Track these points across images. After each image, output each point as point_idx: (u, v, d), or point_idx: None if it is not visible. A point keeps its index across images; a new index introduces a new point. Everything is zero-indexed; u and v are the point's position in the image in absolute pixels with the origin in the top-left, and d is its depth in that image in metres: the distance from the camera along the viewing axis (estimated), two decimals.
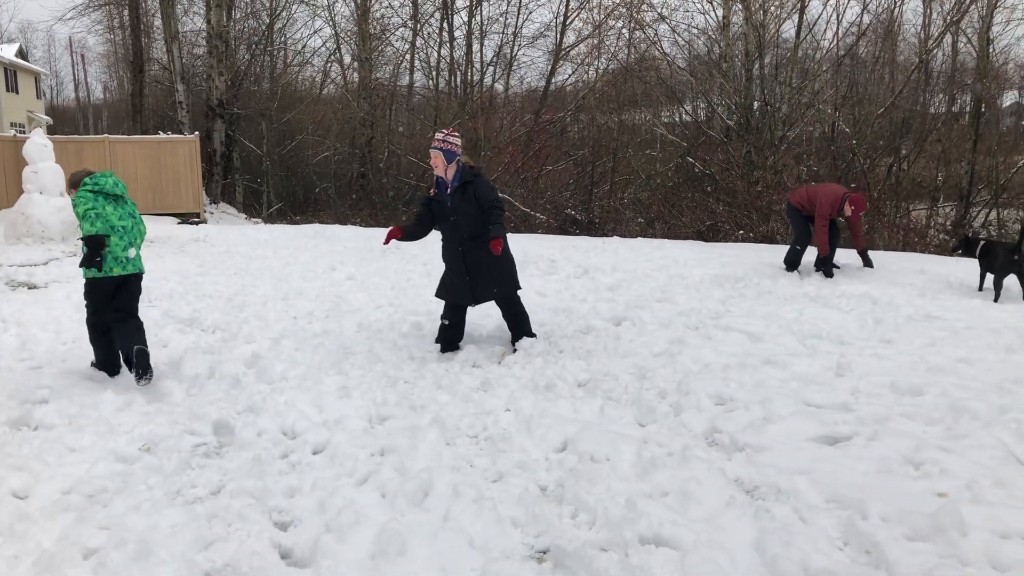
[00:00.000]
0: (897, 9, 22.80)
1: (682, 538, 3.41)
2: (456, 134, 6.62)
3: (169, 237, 15.43)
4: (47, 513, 3.80)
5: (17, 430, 4.96)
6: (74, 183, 5.94)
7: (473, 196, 6.45)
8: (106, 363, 6.03)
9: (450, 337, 6.80)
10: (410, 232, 6.79)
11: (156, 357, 6.47)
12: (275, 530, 3.64)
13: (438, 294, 6.89)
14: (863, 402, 5.02)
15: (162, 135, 22.87)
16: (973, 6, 21.05)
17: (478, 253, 6.53)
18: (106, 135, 21.77)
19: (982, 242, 8.61)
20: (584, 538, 3.47)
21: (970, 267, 9.39)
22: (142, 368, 5.60)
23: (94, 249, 5.59)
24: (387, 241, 6.72)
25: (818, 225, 9.65)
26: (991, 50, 22.13)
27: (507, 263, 6.73)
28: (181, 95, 28.14)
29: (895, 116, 21.01)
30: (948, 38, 24.81)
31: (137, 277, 5.98)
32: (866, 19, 22.87)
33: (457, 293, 6.71)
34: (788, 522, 3.53)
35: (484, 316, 7.73)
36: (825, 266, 9.80)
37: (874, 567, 3.18)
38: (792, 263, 10.21)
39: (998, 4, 20.52)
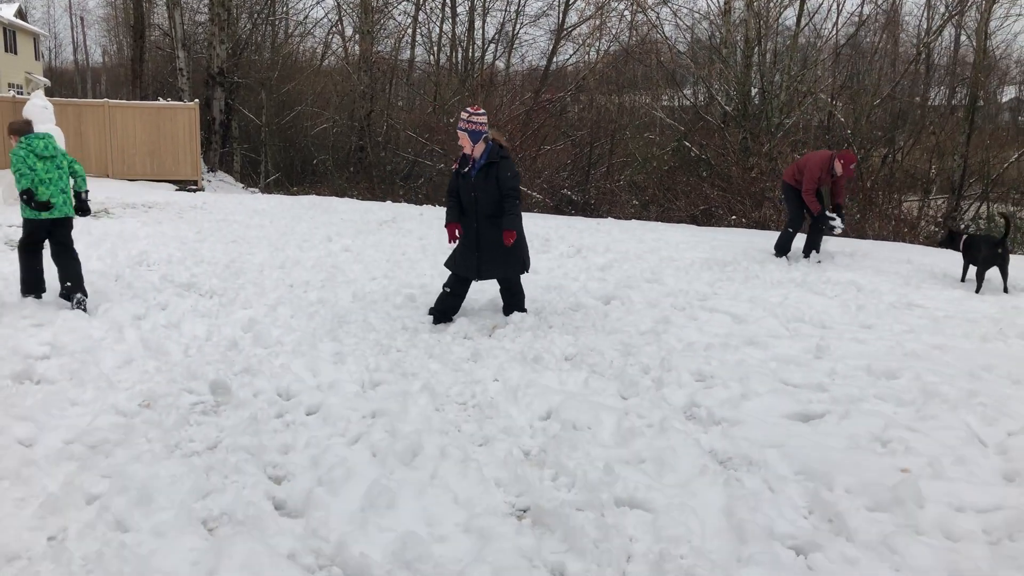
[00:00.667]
0: (897, 1, 22.81)
1: (655, 501, 3.61)
2: (481, 111, 6.68)
3: (167, 203, 15.55)
4: (52, 460, 3.98)
5: (20, 383, 5.13)
6: (14, 131, 6.98)
7: (495, 177, 6.59)
8: (29, 285, 7.11)
9: (447, 307, 6.96)
10: (458, 214, 6.87)
11: (155, 319, 6.65)
12: (270, 483, 3.83)
13: (447, 263, 7.03)
14: (838, 383, 5.21)
15: (162, 101, 22.90)
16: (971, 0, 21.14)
17: (493, 232, 6.68)
18: (106, 99, 21.77)
19: (965, 236, 8.81)
20: (563, 498, 3.66)
21: (955, 258, 9.58)
22: (77, 298, 6.85)
23: (28, 197, 6.83)
24: (452, 239, 6.87)
25: (805, 188, 9.89)
26: (989, 44, 22.23)
27: (518, 246, 6.86)
28: (181, 62, 28.09)
29: (892, 107, 21.14)
30: (951, 31, 24.95)
31: (68, 219, 7.11)
32: (867, 9, 22.95)
33: (464, 266, 6.85)
34: (757, 490, 3.73)
35: (478, 291, 7.89)
36: (823, 221, 10.03)
37: (835, 534, 3.39)
38: (782, 248, 10.38)
39: None
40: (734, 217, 17.38)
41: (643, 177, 21.97)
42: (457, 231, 6.83)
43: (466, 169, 6.72)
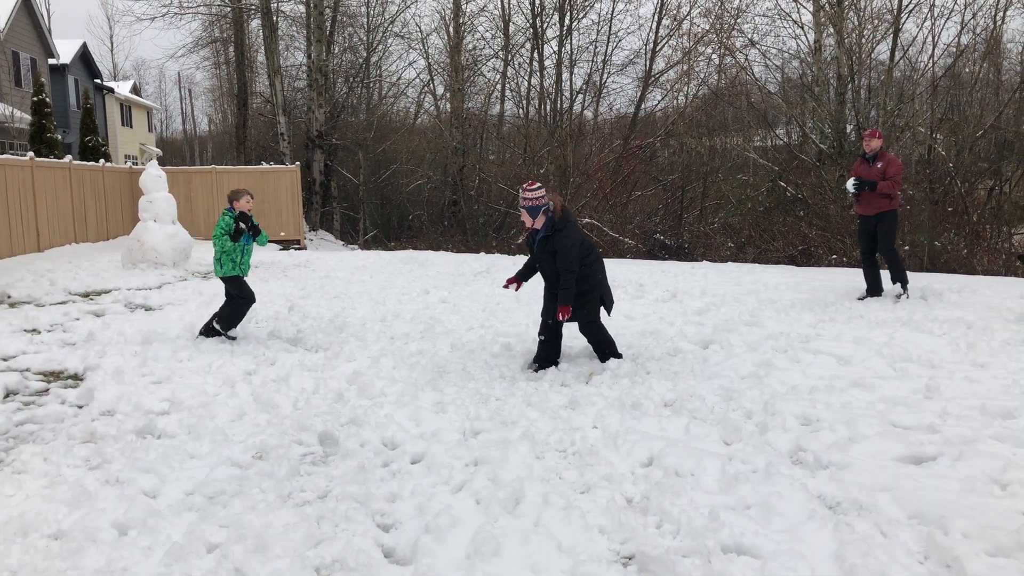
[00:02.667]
0: (998, 28, 22.10)
1: (763, 547, 3.55)
2: (535, 186, 6.83)
3: (272, 262, 16.18)
4: (174, 511, 4.18)
5: (143, 438, 5.40)
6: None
7: (552, 251, 6.79)
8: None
9: (547, 354, 7.09)
10: (525, 274, 7.25)
11: (265, 374, 6.93)
12: (378, 531, 3.92)
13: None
14: (951, 424, 5.04)
15: (265, 165, 23.94)
16: None
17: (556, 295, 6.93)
18: (213, 166, 22.92)
19: None
20: (668, 545, 3.64)
21: None
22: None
23: None
24: (507, 285, 7.27)
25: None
26: None
27: (586, 296, 6.96)
28: (283, 127, 29.37)
29: (997, 137, 20.39)
30: None
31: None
32: (965, 39, 22.31)
33: (545, 309, 7.07)
34: (868, 535, 3.63)
35: (573, 338, 7.93)
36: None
37: None
38: (870, 287, 10.04)
39: None
40: (834, 256, 16.98)
41: (738, 219, 21.71)
42: (515, 286, 7.27)
43: (532, 240, 7.04)
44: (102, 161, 20.88)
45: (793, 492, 4.11)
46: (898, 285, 9.85)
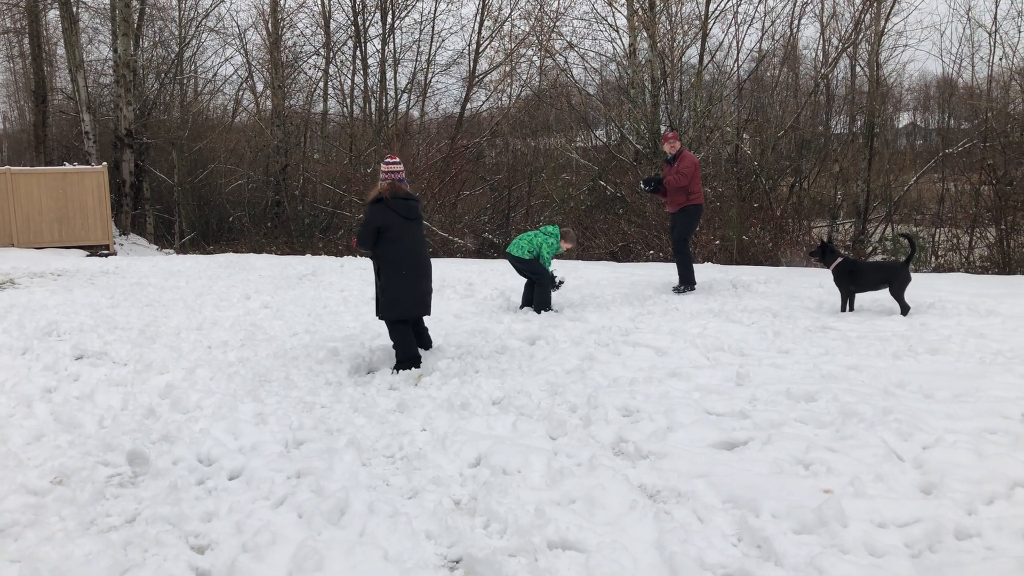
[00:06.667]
0: (793, 36, 23.78)
1: (587, 541, 3.60)
2: (389, 160, 7.01)
3: (78, 270, 15.09)
4: None
5: None
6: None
7: None
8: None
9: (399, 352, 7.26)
10: None
11: (67, 392, 6.41)
12: (192, 553, 3.69)
13: None
14: (760, 409, 5.31)
15: (68, 166, 22.34)
16: (862, 34, 22.17)
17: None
18: (7, 167, 21.08)
19: (842, 259, 8.62)
20: (495, 546, 3.63)
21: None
22: None
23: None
24: None
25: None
26: (881, 74, 23.28)
27: (384, 291, 6.98)
28: (87, 125, 27.46)
29: (796, 137, 21.91)
30: (846, 63, 26.04)
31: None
32: (766, 44, 23.85)
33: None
34: (687, 522, 3.76)
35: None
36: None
37: (764, 559, 3.42)
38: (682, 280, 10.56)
39: (884, 31, 21.65)
40: (652, 252, 17.70)
41: (562, 217, 22.22)
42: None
43: None
44: None
45: (615, 483, 4.20)
46: (682, 287, 10.33)
